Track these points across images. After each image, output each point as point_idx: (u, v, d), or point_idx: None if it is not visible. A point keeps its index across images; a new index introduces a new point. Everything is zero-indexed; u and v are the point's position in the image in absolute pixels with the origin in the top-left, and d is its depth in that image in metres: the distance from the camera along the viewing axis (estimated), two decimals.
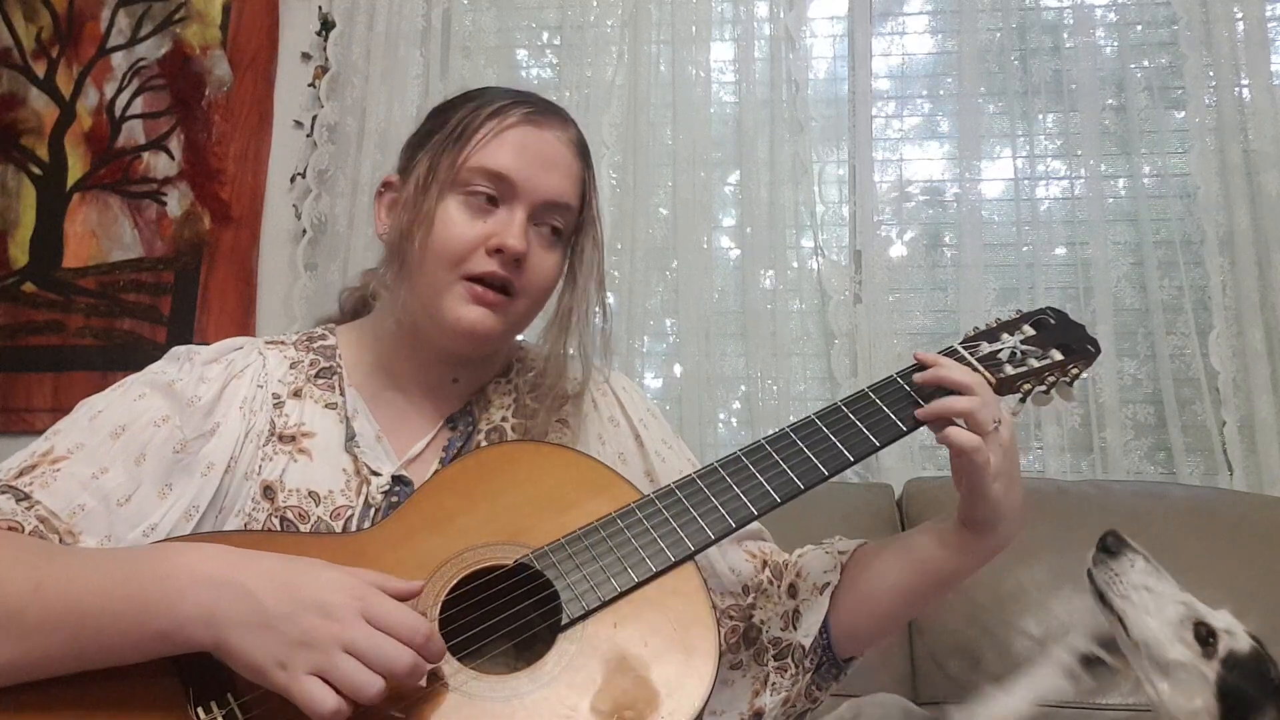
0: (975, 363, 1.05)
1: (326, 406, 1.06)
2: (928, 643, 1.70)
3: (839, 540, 1.16)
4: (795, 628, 1.10)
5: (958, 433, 0.96)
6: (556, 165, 1.06)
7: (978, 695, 1.57)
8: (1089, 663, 1.23)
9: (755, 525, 1.17)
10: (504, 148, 1.03)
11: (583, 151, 1.10)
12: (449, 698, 0.81)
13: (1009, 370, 1.06)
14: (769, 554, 1.17)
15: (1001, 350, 1.07)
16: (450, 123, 1.06)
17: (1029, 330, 1.10)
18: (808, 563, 1.14)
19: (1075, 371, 1.10)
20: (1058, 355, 1.09)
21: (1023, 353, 1.07)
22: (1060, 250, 2.22)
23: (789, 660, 1.09)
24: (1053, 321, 1.12)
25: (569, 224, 1.08)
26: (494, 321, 1.02)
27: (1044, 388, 1.09)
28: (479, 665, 0.85)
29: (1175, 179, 2.19)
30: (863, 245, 2.27)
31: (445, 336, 1.04)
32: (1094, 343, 1.12)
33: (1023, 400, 1.08)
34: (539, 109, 1.08)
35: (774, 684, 1.09)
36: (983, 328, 1.11)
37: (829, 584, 1.09)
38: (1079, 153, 2.22)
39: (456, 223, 1.02)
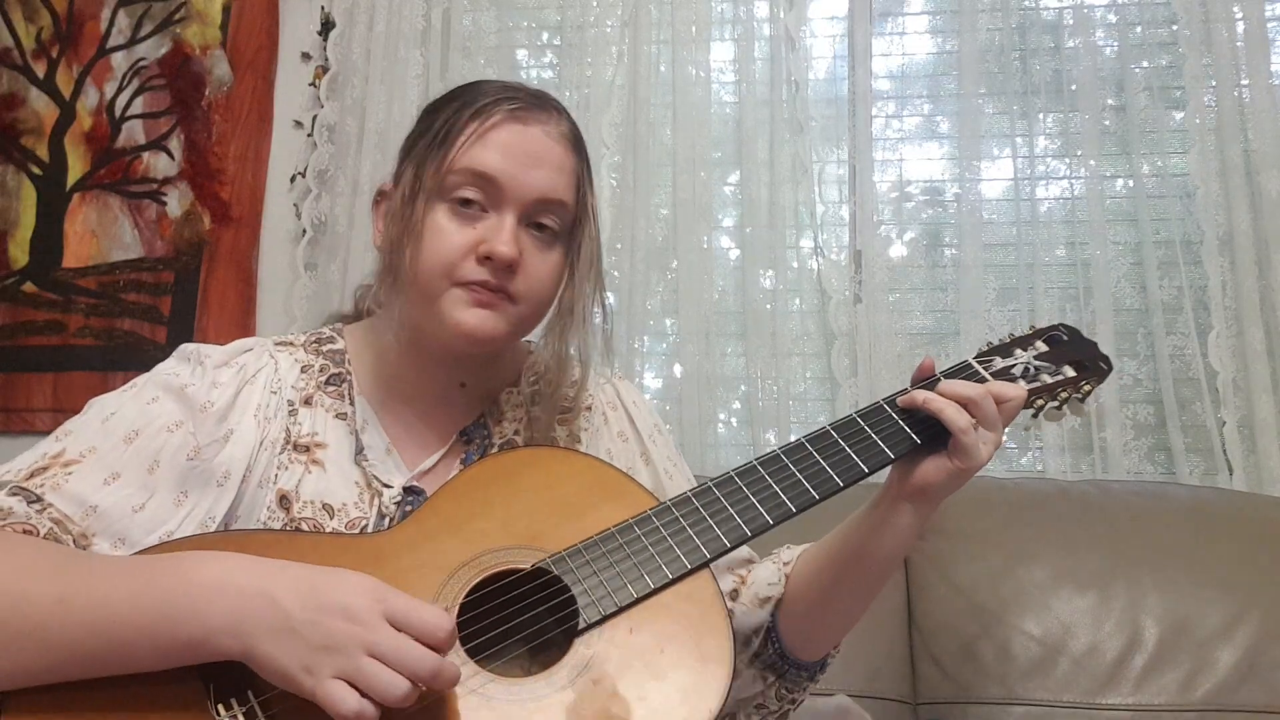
0: (989, 377, 1.06)
1: (337, 416, 1.06)
2: (928, 643, 1.70)
3: (784, 549, 1.16)
4: None
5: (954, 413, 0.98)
6: (544, 161, 1.03)
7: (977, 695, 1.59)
8: None
9: (747, 550, 1.18)
10: (488, 149, 1.02)
11: (575, 143, 1.08)
12: (466, 700, 0.82)
13: (1022, 385, 1.07)
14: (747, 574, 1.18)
15: (1015, 365, 1.09)
16: (435, 126, 1.05)
17: (1042, 346, 1.12)
18: (755, 574, 1.14)
19: (1087, 388, 1.11)
20: (1070, 372, 1.10)
21: (1035, 368, 1.09)
22: (1060, 250, 2.22)
23: None
24: (1066, 338, 1.13)
25: (565, 220, 1.06)
26: (495, 323, 1.01)
27: (1056, 403, 1.10)
28: (495, 668, 0.85)
29: (1175, 179, 2.19)
30: (863, 245, 2.27)
31: (448, 340, 1.03)
32: (1106, 360, 1.13)
33: (1035, 415, 1.10)
34: (524, 104, 1.05)
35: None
36: (996, 343, 1.13)
37: (770, 598, 1.10)
38: (1079, 153, 2.21)
39: (446, 232, 1.01)
